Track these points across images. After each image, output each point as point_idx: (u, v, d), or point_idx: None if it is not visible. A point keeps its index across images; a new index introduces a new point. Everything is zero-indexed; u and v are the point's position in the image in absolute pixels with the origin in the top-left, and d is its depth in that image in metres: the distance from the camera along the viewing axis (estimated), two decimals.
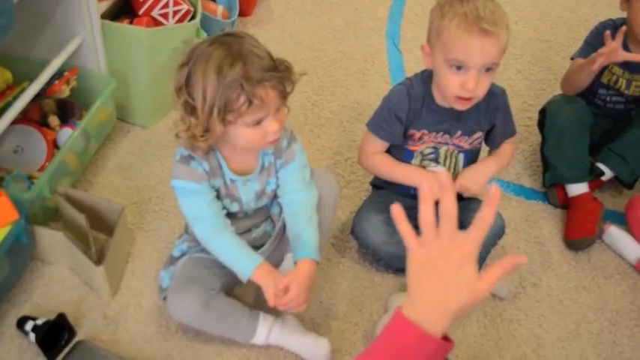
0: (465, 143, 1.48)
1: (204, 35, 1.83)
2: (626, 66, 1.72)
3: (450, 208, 0.69)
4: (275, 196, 1.37)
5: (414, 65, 2.24)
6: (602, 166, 1.76)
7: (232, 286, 1.38)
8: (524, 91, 2.19)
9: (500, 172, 1.71)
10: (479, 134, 1.48)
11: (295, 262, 1.29)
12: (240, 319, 1.32)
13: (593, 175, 1.74)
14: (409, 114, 1.43)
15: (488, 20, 1.25)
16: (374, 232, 1.50)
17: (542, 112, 1.87)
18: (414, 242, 0.71)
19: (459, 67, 1.29)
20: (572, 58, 1.81)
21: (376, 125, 1.48)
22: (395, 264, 1.54)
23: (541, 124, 1.87)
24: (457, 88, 1.32)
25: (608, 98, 1.83)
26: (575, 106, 1.76)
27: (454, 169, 1.51)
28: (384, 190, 1.59)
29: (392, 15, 2.54)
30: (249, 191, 1.32)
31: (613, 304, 1.56)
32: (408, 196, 1.54)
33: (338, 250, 1.61)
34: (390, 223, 1.52)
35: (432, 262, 0.70)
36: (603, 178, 1.77)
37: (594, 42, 1.75)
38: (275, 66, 1.15)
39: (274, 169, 1.33)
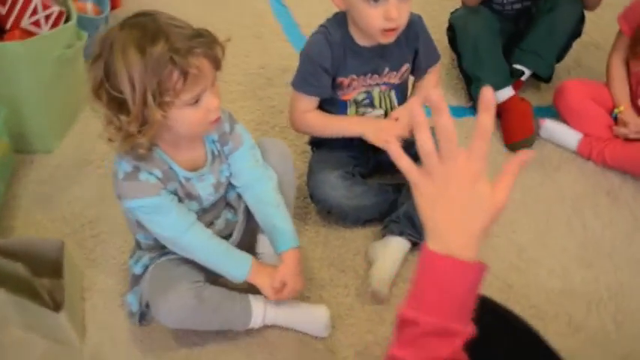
0: (395, 78, 1.43)
1: (84, 36, 1.65)
2: None
3: (448, 126, 0.63)
4: (230, 183, 1.27)
5: (304, 18, 2.18)
6: (519, 67, 1.79)
7: (216, 276, 1.27)
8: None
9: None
10: (406, 66, 1.44)
11: (279, 254, 1.23)
12: (233, 305, 1.23)
13: (515, 78, 1.77)
14: (334, 62, 1.36)
15: None
16: (334, 191, 1.44)
17: (450, 29, 1.87)
18: (418, 176, 0.65)
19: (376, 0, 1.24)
20: None
21: (302, 82, 1.40)
22: (362, 216, 1.49)
23: (452, 41, 1.87)
24: (380, 21, 1.26)
25: (505, 1, 1.85)
26: (481, 15, 1.77)
27: (390, 108, 1.47)
28: (326, 147, 1.53)
29: None
30: (206, 186, 1.20)
31: (570, 191, 1.61)
32: (352, 148, 1.50)
33: (299, 218, 1.53)
34: (346, 177, 1.46)
35: (443, 191, 0.64)
36: (522, 78, 1.80)
37: None
38: (199, 33, 1.04)
39: (224, 156, 1.23)
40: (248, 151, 1.24)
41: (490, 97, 0.62)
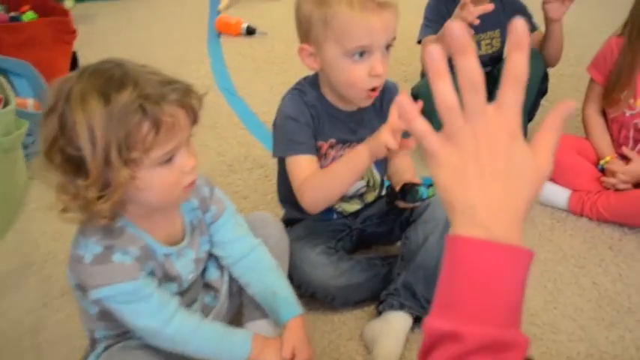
0: None
1: (25, 124, 1.49)
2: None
3: (474, 73, 0.48)
4: (208, 259, 1.09)
5: (260, 106, 2.10)
6: None
7: None
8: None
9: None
10: None
11: (284, 324, 1.06)
12: None
13: None
14: (314, 121, 1.22)
15: None
16: (317, 270, 1.26)
17: (415, 98, 1.80)
18: (437, 142, 0.50)
19: (361, 54, 1.11)
20: (419, 41, 1.78)
21: (289, 144, 1.21)
22: (351, 297, 1.30)
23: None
24: (366, 79, 1.13)
25: None
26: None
27: (372, 178, 1.34)
28: (304, 221, 1.36)
29: (216, 69, 2.39)
30: (186, 263, 1.01)
31: (570, 250, 1.48)
32: (333, 220, 1.35)
33: None
34: (329, 252, 1.29)
35: (472, 159, 0.49)
36: None
37: (435, 17, 1.73)
38: (174, 80, 0.89)
39: (205, 226, 1.05)
40: (233, 217, 1.08)
41: (522, 30, 0.48)
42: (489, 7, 1.52)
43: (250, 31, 2.68)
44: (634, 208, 1.47)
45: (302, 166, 1.20)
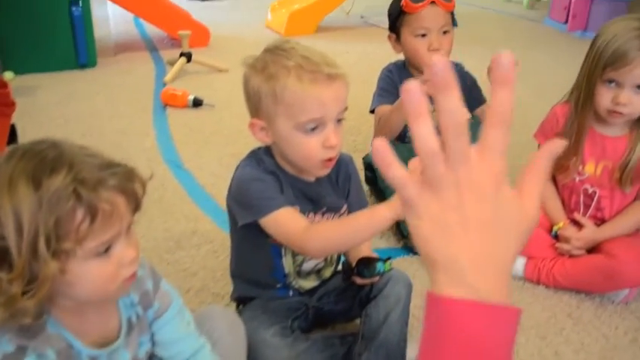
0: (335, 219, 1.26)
1: None
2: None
3: (457, 112, 0.44)
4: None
5: (208, 179, 2.05)
6: None
7: None
8: None
9: None
10: (344, 207, 1.26)
11: None
12: None
13: None
14: (276, 184, 1.17)
15: (327, 63, 1.08)
16: (273, 352, 1.17)
17: (368, 168, 1.79)
18: (417, 191, 0.46)
19: (314, 127, 1.09)
20: (372, 111, 1.79)
21: (261, 203, 1.12)
22: None
23: (372, 181, 1.78)
24: (320, 151, 1.10)
25: None
26: (399, 149, 1.69)
27: (329, 256, 1.29)
28: (256, 300, 1.29)
29: (162, 142, 2.34)
30: None
31: (529, 320, 1.44)
32: (288, 298, 1.28)
33: None
34: (285, 333, 1.22)
35: (455, 209, 0.45)
36: None
37: (388, 87, 1.75)
38: (114, 163, 0.81)
39: (146, 323, 0.95)
40: (178, 314, 0.99)
41: (508, 64, 0.44)
42: None
43: (197, 103, 2.65)
44: (589, 275, 1.47)
45: (288, 217, 1.12)
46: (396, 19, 1.74)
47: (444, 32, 1.69)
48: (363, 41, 3.65)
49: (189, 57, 3.06)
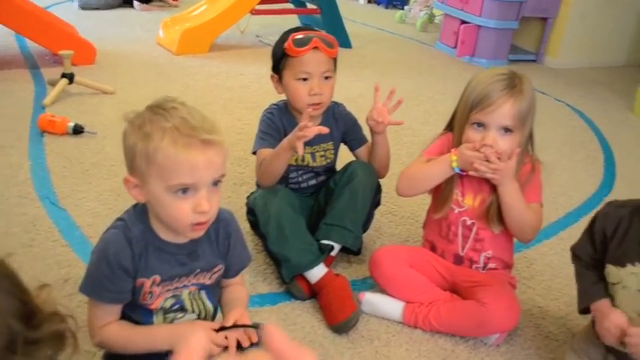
0: (206, 279, 1.23)
1: None
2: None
3: None
4: None
5: (85, 218, 1.94)
6: (327, 242, 1.71)
7: None
8: None
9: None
10: (219, 266, 1.25)
11: None
12: None
13: (325, 254, 1.68)
14: (135, 261, 1.14)
15: (205, 128, 1.06)
16: None
17: (250, 212, 1.77)
18: None
19: (185, 190, 1.07)
20: (254, 152, 1.77)
21: (96, 286, 1.14)
22: None
23: (254, 225, 1.76)
24: (191, 215, 1.09)
25: (300, 178, 1.83)
26: (280, 193, 1.70)
27: (203, 309, 1.25)
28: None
29: (36, 173, 2.19)
30: None
31: None
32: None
33: None
34: None
35: None
36: (332, 254, 1.73)
37: (270, 130, 1.74)
38: None
39: None
40: None
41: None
42: (325, 129, 1.60)
43: (77, 131, 2.51)
44: (462, 321, 1.51)
45: (100, 313, 1.17)
46: (279, 61, 1.73)
47: (326, 77, 1.69)
48: (258, 62, 3.60)
49: (71, 78, 2.90)
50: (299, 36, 1.69)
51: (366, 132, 1.81)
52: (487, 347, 1.54)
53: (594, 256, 1.34)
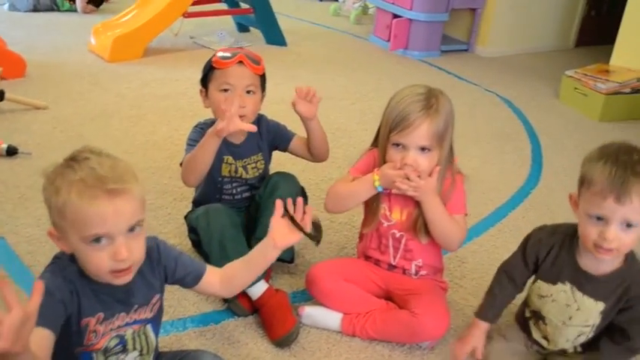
0: (147, 313, 1.26)
1: None
2: (234, 153, 1.83)
3: None
4: None
5: (24, 245, 1.93)
6: None
7: None
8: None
9: None
10: (156, 297, 1.28)
11: None
12: None
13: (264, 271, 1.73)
14: (73, 298, 1.15)
15: (113, 177, 1.08)
16: None
17: (192, 231, 1.81)
18: None
19: (98, 240, 1.08)
20: (181, 164, 1.80)
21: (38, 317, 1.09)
22: None
23: (196, 244, 1.80)
24: (109, 264, 1.10)
25: (234, 190, 1.88)
26: (222, 210, 1.75)
27: (147, 345, 1.28)
28: None
29: None
30: None
31: None
32: None
33: None
34: None
35: None
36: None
37: (199, 138, 1.76)
38: None
39: None
40: None
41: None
42: (253, 127, 1.71)
43: (11, 152, 2.47)
44: (396, 329, 1.61)
45: (39, 338, 1.08)
46: (207, 75, 1.79)
47: (248, 92, 1.75)
48: (194, 66, 3.54)
49: (1, 95, 2.85)
50: (226, 52, 1.78)
51: (298, 128, 1.87)
52: (422, 350, 1.64)
53: (525, 274, 1.50)
